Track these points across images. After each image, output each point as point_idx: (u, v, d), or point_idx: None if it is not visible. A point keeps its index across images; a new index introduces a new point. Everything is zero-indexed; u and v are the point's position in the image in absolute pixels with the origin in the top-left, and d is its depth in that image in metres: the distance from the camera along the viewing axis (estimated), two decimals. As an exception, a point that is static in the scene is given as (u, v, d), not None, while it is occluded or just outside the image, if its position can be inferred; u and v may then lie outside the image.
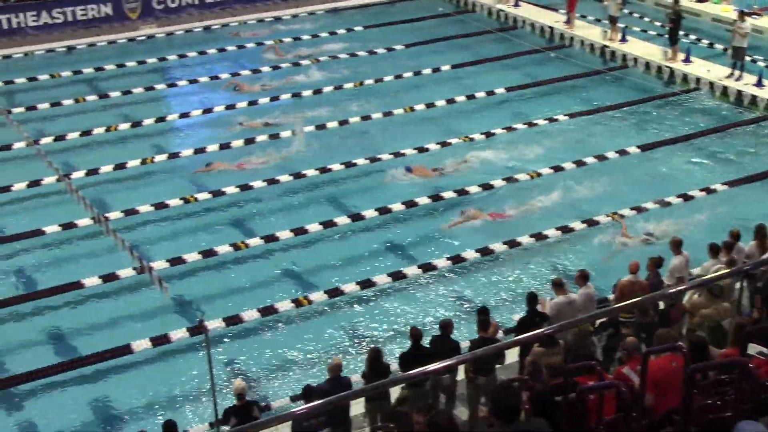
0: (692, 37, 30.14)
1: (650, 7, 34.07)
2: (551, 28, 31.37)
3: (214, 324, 16.35)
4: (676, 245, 15.68)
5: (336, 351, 16.23)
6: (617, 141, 23.91)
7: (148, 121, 25.07)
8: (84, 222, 19.51)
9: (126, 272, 18.01)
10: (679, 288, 14.26)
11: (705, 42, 30.18)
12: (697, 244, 16.34)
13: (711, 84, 26.58)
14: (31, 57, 30.02)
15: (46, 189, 21.40)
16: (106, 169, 22.25)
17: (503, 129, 24.41)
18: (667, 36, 28.55)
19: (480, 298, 17.60)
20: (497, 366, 13.60)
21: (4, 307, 17.48)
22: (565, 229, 19.58)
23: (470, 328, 15.25)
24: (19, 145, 22.84)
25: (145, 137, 24.53)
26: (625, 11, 31.84)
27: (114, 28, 31.90)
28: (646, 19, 32.83)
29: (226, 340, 16.67)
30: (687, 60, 27.78)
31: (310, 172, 22.05)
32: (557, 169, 22.20)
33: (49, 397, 15.50)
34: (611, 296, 15.54)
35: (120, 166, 22.41)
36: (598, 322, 13.81)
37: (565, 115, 25.18)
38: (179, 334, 16.40)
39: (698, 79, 26.95)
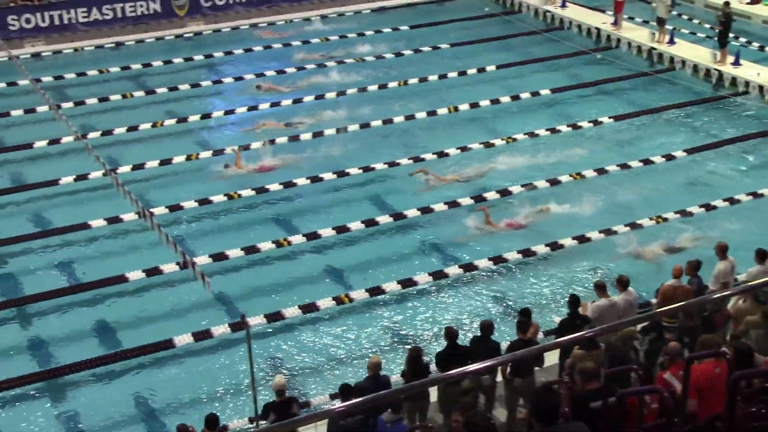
0: (742, 39, 29.73)
1: (699, 9, 33.68)
2: (598, 29, 31.12)
3: (256, 320, 16.45)
4: (722, 250, 15.48)
5: (375, 350, 16.26)
6: (662, 144, 23.68)
7: (194, 118, 25.27)
8: (129, 216, 19.73)
9: (169, 267, 18.18)
10: (724, 293, 14.07)
11: (755, 45, 29.76)
12: (743, 249, 16.12)
13: (760, 87, 26.21)
14: (81, 53, 30.39)
15: (93, 183, 21.66)
16: (152, 164, 22.49)
17: (547, 130, 24.28)
18: (716, 38, 28.20)
19: (521, 299, 17.53)
20: (536, 368, 13.54)
21: (51, 299, 17.73)
22: (609, 232, 19.41)
23: (512, 330, 15.17)
24: (67, 139, 23.14)
25: (191, 133, 24.72)
26: (674, 13, 31.57)
27: (162, 24, 32.22)
28: (695, 21, 32.46)
29: (267, 336, 16.76)
30: (736, 63, 27.42)
31: (354, 171, 22.10)
32: (601, 171, 22.03)
33: (93, 388, 15.71)
34: (654, 300, 15.40)
35: (165, 162, 22.64)
36: (640, 326, 13.70)
37: (609, 118, 24.97)
38: (221, 329, 16.54)
39: (747, 83, 26.59)
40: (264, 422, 12.80)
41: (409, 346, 15.23)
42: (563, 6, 32.99)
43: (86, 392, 15.63)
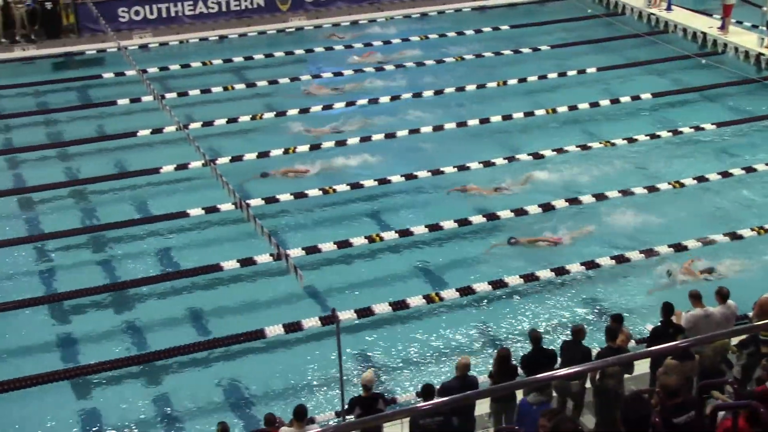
0: None
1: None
2: (704, 33, 30.39)
3: (346, 315, 16.56)
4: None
5: (464, 350, 16.24)
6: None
7: (292, 112, 25.56)
8: (226, 207, 20.08)
9: (263, 258, 18.46)
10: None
11: None
12: None
13: None
14: (186, 45, 31.08)
15: (192, 173, 22.13)
16: (250, 156, 22.85)
17: (646, 135, 23.84)
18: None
19: (613, 305, 17.27)
20: (626, 376, 13.33)
21: (148, 285, 18.20)
22: (707, 241, 18.97)
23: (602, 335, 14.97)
24: (169, 129, 23.67)
25: (288, 127, 24.97)
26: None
27: (264, 19, 32.72)
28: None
29: (356, 331, 16.88)
30: None
31: (448, 170, 22.07)
32: (701, 179, 21.56)
33: (185, 374, 16.07)
34: (751, 313, 15.00)
35: (263, 155, 22.98)
36: (736, 339, 13.36)
37: (712, 124, 24.40)
38: (311, 322, 16.70)
39: None
40: (350, 417, 12.90)
41: (497, 347, 15.17)
42: (668, 9, 32.32)
43: (178, 377, 15.99)
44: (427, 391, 12.55)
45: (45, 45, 30.15)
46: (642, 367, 13.46)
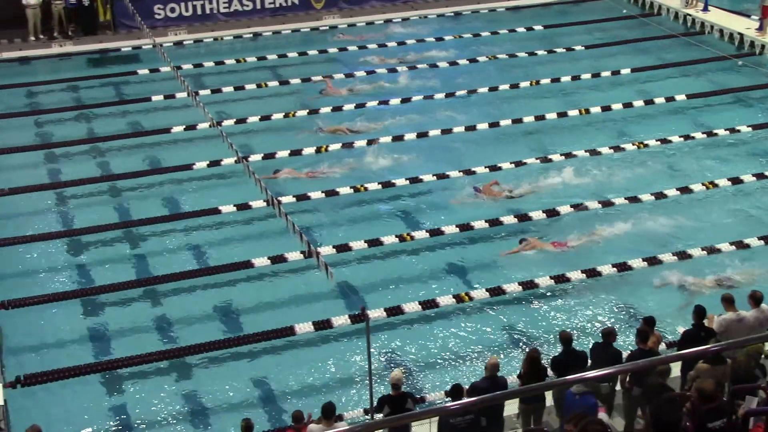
0: None
1: None
2: (741, 35, 30.07)
3: (376, 313, 16.59)
4: None
5: (493, 350, 16.20)
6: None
7: (325, 109, 25.59)
8: (258, 204, 20.15)
9: (294, 255, 18.51)
10: None
11: None
12: None
13: None
14: (220, 42, 31.25)
15: (225, 169, 22.25)
16: (282, 153, 22.92)
17: (680, 137, 23.64)
18: None
19: (644, 307, 17.14)
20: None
21: (179, 280, 18.30)
22: (740, 245, 18.78)
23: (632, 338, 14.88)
24: (203, 125, 23.81)
25: (318, 124, 24.94)
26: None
27: (298, 16, 32.83)
28: None
29: (385, 329, 16.89)
30: None
31: (480, 170, 22.01)
32: (735, 181, 21.35)
33: (214, 369, 16.15)
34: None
35: (295, 152, 23.04)
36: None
37: (748, 126, 24.14)
38: (341, 320, 16.73)
39: None
40: (379, 415, 12.92)
41: (526, 348, 15.13)
42: (705, 10, 32.02)
43: (207, 373, 16.08)
44: (456, 391, 12.56)
45: (82, 41, 30.46)
46: (673, 370, 13.36)
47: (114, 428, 14.86)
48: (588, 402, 11.88)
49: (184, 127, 24.35)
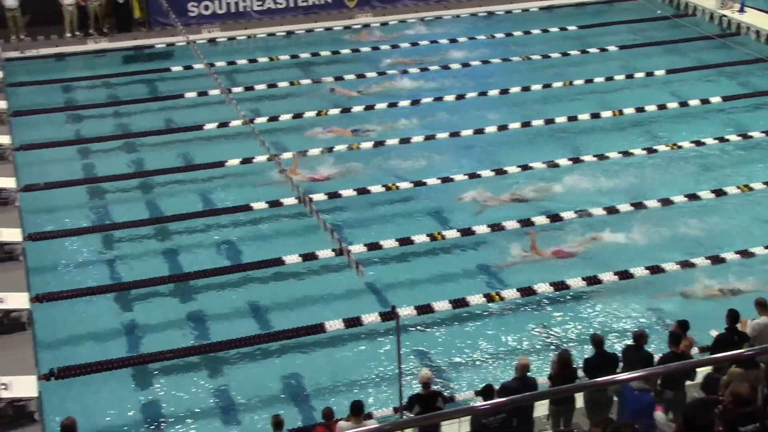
0: None
1: None
2: (778, 36, 29.83)
3: (406, 312, 16.59)
4: None
5: (524, 351, 16.16)
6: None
7: (357, 108, 25.60)
8: (289, 201, 20.21)
9: (325, 253, 18.55)
10: None
11: None
12: None
13: None
14: (253, 39, 31.38)
15: (257, 167, 22.35)
16: (314, 152, 22.98)
17: (715, 139, 23.45)
18: None
19: (676, 310, 17.02)
20: (688, 383, 13.16)
21: (211, 277, 18.40)
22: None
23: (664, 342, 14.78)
24: (235, 123, 23.94)
25: (351, 123, 25.00)
26: None
27: (331, 15, 32.88)
28: None
29: (415, 328, 16.91)
30: None
31: (511, 169, 21.97)
32: (769, 184, 21.21)
33: (244, 365, 16.24)
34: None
35: (328, 150, 23.10)
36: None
37: (784, 129, 23.95)
38: (371, 318, 16.75)
39: None
40: (409, 414, 12.93)
41: (557, 350, 15.08)
42: (741, 11, 31.73)
43: (237, 369, 16.17)
44: (487, 391, 12.56)
45: (116, 38, 30.69)
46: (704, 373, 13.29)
47: (146, 421, 14.98)
48: (646, 399, 11.98)
49: (216, 124, 24.48)
